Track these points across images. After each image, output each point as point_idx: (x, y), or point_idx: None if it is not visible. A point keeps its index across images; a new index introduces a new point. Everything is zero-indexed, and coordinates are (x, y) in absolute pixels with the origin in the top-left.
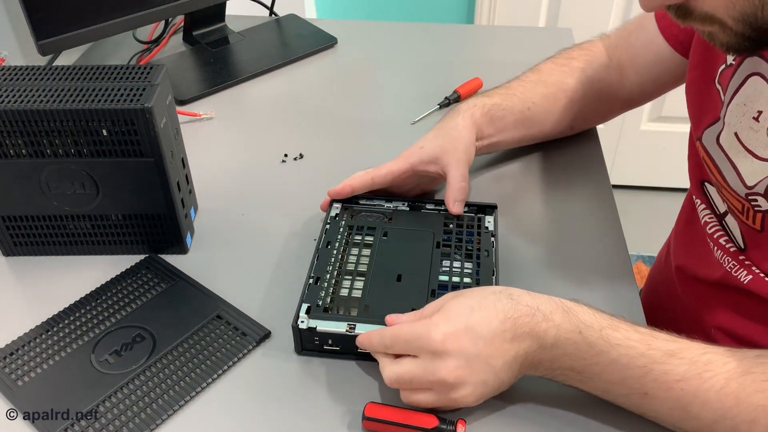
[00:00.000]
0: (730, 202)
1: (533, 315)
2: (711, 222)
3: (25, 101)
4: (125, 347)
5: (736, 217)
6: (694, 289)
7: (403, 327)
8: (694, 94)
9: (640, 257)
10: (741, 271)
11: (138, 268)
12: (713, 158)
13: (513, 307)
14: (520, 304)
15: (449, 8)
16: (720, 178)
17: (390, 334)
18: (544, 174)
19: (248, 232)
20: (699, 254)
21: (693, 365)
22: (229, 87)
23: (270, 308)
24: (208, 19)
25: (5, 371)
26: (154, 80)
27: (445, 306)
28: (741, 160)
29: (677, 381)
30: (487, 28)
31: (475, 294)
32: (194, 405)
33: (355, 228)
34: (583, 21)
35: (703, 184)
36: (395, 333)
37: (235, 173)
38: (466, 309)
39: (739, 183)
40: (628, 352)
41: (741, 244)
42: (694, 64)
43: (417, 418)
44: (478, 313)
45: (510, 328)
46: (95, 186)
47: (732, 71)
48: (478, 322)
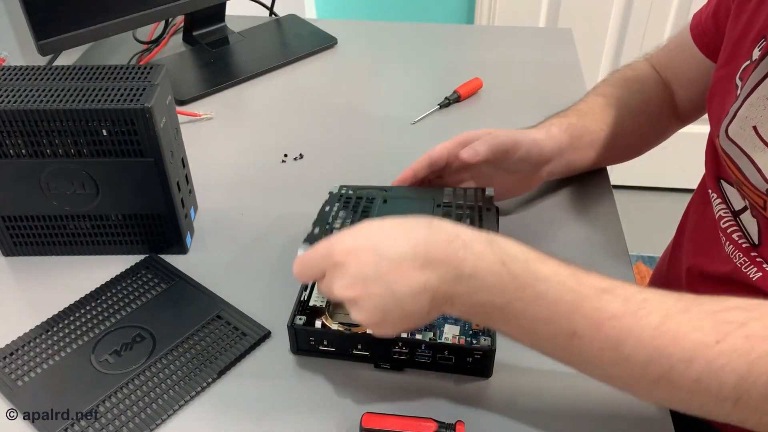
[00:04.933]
0: (751, 198)
1: (451, 242)
2: (725, 217)
3: (25, 101)
4: (125, 347)
5: (757, 214)
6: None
7: (313, 248)
8: (717, 93)
9: (640, 257)
10: (751, 268)
11: (138, 268)
12: (729, 154)
13: (429, 232)
14: (439, 230)
15: (449, 8)
16: (740, 175)
17: (302, 258)
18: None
19: (248, 232)
20: (709, 248)
21: (627, 302)
22: (229, 87)
23: (270, 308)
24: (208, 19)
25: (5, 371)
26: (154, 80)
27: (358, 225)
28: (759, 155)
29: (609, 318)
30: (487, 28)
31: (395, 219)
32: (194, 405)
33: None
34: (583, 21)
35: (720, 181)
36: (307, 254)
37: (235, 173)
38: (377, 229)
39: (760, 178)
40: (556, 287)
41: (755, 240)
42: (720, 64)
43: (415, 425)
44: (389, 233)
45: (422, 253)
46: (95, 186)
47: (753, 66)
48: (385, 243)
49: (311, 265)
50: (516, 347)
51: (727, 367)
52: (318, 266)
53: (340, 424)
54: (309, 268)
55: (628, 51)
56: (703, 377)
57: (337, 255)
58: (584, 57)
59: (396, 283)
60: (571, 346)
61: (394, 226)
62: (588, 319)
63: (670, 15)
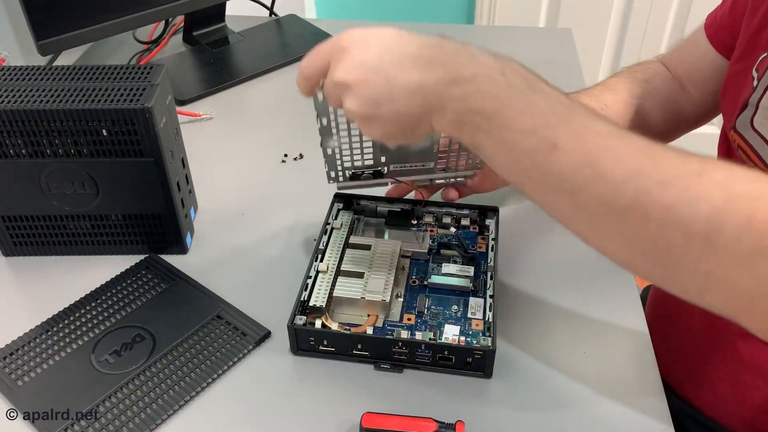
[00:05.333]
0: None
1: (458, 51)
2: None
3: (25, 101)
4: (125, 347)
5: None
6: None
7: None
8: (731, 87)
9: None
10: None
11: (138, 268)
12: (751, 144)
13: (440, 40)
14: (451, 41)
15: (449, 8)
16: (761, 163)
17: (310, 51)
18: None
19: (248, 232)
20: None
21: (615, 127)
22: (229, 87)
23: (270, 308)
24: (208, 19)
25: (5, 371)
26: (154, 80)
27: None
28: None
29: (594, 133)
30: (487, 28)
31: (407, 31)
32: (194, 405)
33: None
34: (583, 21)
35: None
36: (316, 46)
37: (235, 173)
38: (392, 30)
39: None
40: (549, 100)
41: None
42: (736, 58)
43: (415, 425)
44: (400, 36)
45: (426, 55)
46: (95, 186)
47: None
48: (394, 40)
49: (318, 53)
50: (516, 347)
51: (703, 196)
52: (325, 54)
53: (340, 424)
54: (314, 58)
55: (628, 51)
56: (676, 205)
57: (344, 41)
58: (584, 57)
59: (394, 78)
60: (548, 162)
61: (409, 34)
62: (573, 133)
63: (670, 15)
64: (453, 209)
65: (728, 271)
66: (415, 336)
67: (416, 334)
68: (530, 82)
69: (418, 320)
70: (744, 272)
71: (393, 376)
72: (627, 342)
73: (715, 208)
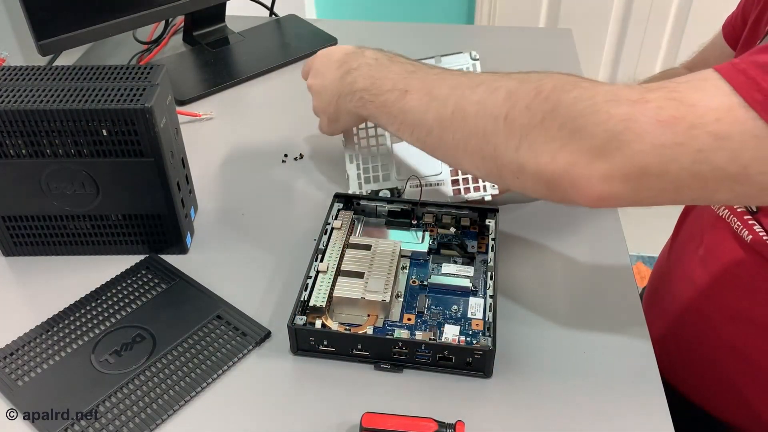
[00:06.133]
0: None
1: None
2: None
3: (25, 101)
4: (125, 347)
5: None
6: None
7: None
8: None
9: (640, 257)
10: (743, 231)
11: (138, 268)
12: None
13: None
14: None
15: (449, 8)
16: None
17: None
18: None
19: (248, 232)
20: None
21: (449, 70)
22: (229, 87)
23: (270, 308)
24: (208, 19)
25: (5, 371)
26: (154, 80)
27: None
28: None
29: (432, 75)
30: (487, 28)
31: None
32: (194, 405)
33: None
34: (583, 21)
35: None
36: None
37: (235, 173)
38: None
39: None
40: (404, 65)
41: (753, 207)
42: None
43: (415, 425)
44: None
45: (341, 60)
46: (95, 186)
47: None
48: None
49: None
50: (516, 347)
51: (503, 85)
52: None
53: (340, 424)
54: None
55: (628, 51)
56: (483, 97)
57: (317, 56)
58: (584, 57)
59: (324, 77)
60: (405, 102)
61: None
62: (418, 80)
63: (670, 15)
64: (453, 209)
65: (522, 141)
66: (415, 336)
67: (416, 334)
68: (393, 59)
69: (418, 320)
70: (540, 135)
71: (393, 376)
72: (627, 342)
73: (509, 90)
